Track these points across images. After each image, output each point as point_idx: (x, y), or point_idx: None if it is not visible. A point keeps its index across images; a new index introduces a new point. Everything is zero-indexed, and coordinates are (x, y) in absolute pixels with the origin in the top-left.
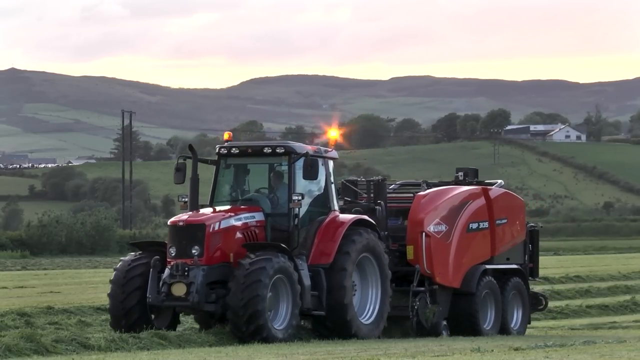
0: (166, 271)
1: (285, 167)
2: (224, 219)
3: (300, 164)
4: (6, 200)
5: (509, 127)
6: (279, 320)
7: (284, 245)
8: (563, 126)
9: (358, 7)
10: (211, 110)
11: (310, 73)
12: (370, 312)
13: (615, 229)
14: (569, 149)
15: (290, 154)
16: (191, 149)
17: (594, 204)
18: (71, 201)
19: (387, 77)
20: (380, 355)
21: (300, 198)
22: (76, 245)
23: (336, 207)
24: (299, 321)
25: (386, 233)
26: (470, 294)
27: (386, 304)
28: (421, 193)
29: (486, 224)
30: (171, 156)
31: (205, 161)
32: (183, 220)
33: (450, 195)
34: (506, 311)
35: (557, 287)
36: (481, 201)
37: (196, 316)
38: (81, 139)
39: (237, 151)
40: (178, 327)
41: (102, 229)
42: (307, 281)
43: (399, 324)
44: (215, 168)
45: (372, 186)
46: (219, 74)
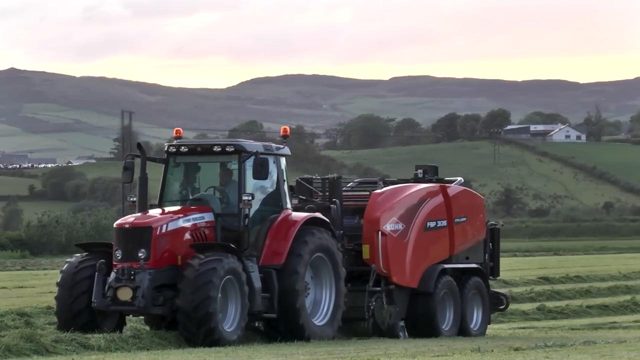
0: (112, 275)
1: (235, 166)
2: (171, 221)
3: (250, 162)
4: (6, 200)
5: (509, 127)
6: (228, 322)
7: (234, 246)
8: (563, 126)
9: (359, 8)
10: (211, 110)
11: (310, 73)
12: (324, 312)
13: (615, 229)
14: (569, 149)
15: (240, 153)
16: (139, 147)
17: (594, 204)
18: (71, 201)
19: (387, 77)
20: (380, 355)
21: (251, 198)
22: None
23: (289, 206)
24: (247, 323)
25: (341, 232)
26: (428, 294)
27: (340, 305)
28: (377, 191)
29: (444, 223)
30: None
31: (154, 159)
32: (129, 223)
33: (407, 193)
34: (466, 311)
35: (557, 287)
36: (439, 199)
37: (145, 318)
38: (81, 139)
39: (187, 149)
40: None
41: (102, 229)
42: (257, 283)
43: (355, 324)
44: (164, 167)
45: (327, 184)
46: (220, 74)
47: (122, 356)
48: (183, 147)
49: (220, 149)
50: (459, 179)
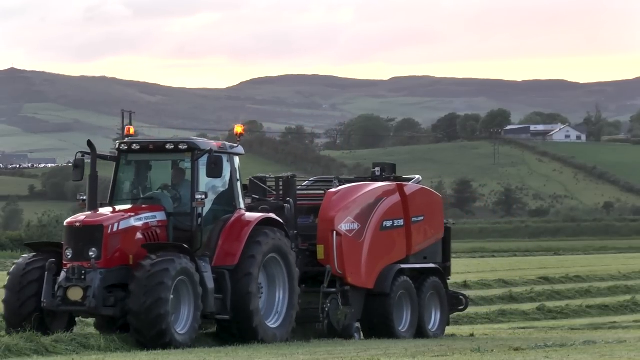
0: (62, 274)
1: (188, 164)
2: (123, 220)
3: (204, 160)
4: (6, 200)
5: (509, 127)
6: (181, 325)
7: (186, 246)
8: (563, 126)
9: (360, 8)
10: (211, 110)
11: (311, 73)
12: (277, 315)
13: (615, 229)
14: (569, 149)
15: (194, 151)
16: (90, 144)
17: (594, 204)
18: (71, 201)
19: (387, 77)
20: (380, 355)
21: (204, 197)
22: None
23: (242, 206)
24: (200, 325)
25: (295, 232)
26: (384, 294)
27: (294, 307)
28: (332, 190)
29: (401, 222)
30: None
31: (104, 157)
32: (80, 221)
33: (363, 192)
34: (423, 312)
35: (557, 287)
36: (396, 198)
37: (95, 323)
38: (81, 139)
39: (138, 147)
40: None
41: None
42: (210, 284)
43: (309, 326)
44: (115, 165)
45: (281, 183)
46: (220, 74)
47: (122, 356)
48: (135, 145)
49: (172, 147)
50: (416, 177)
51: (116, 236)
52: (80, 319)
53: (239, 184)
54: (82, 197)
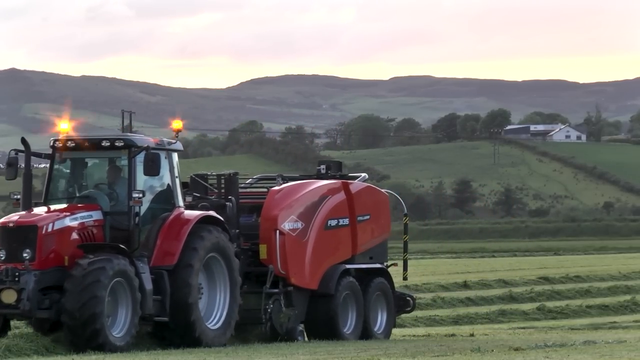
0: None
1: (125, 162)
2: (58, 219)
3: (141, 158)
4: (6, 200)
5: (509, 127)
6: (118, 328)
7: (123, 247)
8: (563, 126)
9: (362, 8)
10: (211, 110)
11: (311, 73)
12: (217, 317)
13: (615, 229)
14: (569, 149)
15: (130, 148)
16: (24, 142)
17: (594, 204)
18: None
19: (387, 77)
20: (380, 355)
21: (141, 195)
22: None
23: (181, 204)
24: (138, 328)
25: (237, 231)
26: (328, 295)
27: (235, 309)
28: (275, 188)
29: (346, 221)
30: None
31: (39, 155)
32: (13, 222)
33: (307, 190)
34: (369, 314)
35: (557, 287)
36: (341, 196)
37: (30, 322)
38: None
39: (74, 144)
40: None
41: None
42: (148, 285)
43: (251, 328)
44: (49, 163)
45: (222, 181)
46: (221, 74)
47: (122, 356)
48: (70, 142)
49: (109, 143)
50: (362, 175)
51: (51, 237)
52: (15, 321)
53: (177, 181)
54: (15, 196)
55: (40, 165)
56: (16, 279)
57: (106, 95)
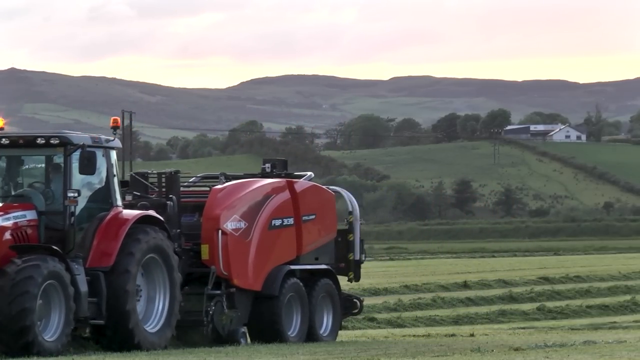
0: None
1: (60, 160)
2: None
3: (77, 156)
4: None
5: (509, 127)
6: (50, 331)
7: (57, 248)
8: (563, 126)
9: (363, 8)
10: (211, 110)
11: (311, 73)
12: (157, 318)
13: (615, 229)
14: (569, 149)
15: (66, 145)
16: None
17: (594, 204)
18: None
19: (387, 77)
20: (380, 355)
21: (77, 195)
22: None
23: (119, 203)
24: (74, 330)
25: (178, 231)
26: (272, 297)
27: (175, 311)
28: (218, 187)
29: (291, 221)
30: (171, 156)
31: None
32: None
33: (250, 189)
34: (314, 316)
35: (557, 287)
36: (285, 195)
37: None
38: None
39: (8, 142)
40: None
41: None
42: (83, 287)
43: (192, 331)
44: None
45: (163, 179)
46: (221, 74)
47: (122, 356)
48: (4, 140)
49: (44, 141)
50: (308, 173)
51: None
52: None
53: (115, 179)
54: None
55: None
56: None
57: (106, 95)
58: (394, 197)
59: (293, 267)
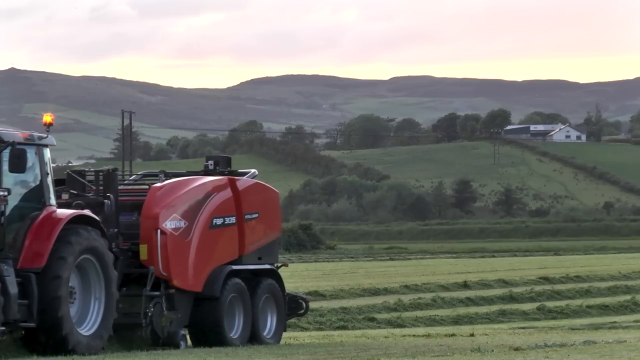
0: None
1: None
2: None
3: (7, 154)
4: None
5: (509, 127)
6: None
7: None
8: (563, 126)
9: (364, 8)
10: (211, 110)
11: (311, 73)
12: (92, 321)
13: (615, 229)
14: (569, 149)
15: None
16: None
17: (594, 204)
18: None
19: (388, 77)
20: (380, 355)
21: (7, 194)
22: None
23: (53, 202)
24: (3, 333)
25: (116, 230)
26: (213, 298)
27: (111, 312)
28: (157, 185)
29: (233, 220)
30: (171, 156)
31: None
32: None
33: (191, 187)
34: (257, 317)
35: (557, 287)
36: (227, 193)
37: None
38: (81, 139)
39: None
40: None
41: None
42: (13, 289)
43: (130, 333)
44: None
45: (101, 177)
46: (221, 74)
47: (122, 356)
48: None
49: None
50: (252, 171)
51: None
52: None
53: (49, 178)
54: None
55: None
56: None
57: (106, 95)
58: (394, 197)
59: (235, 267)
